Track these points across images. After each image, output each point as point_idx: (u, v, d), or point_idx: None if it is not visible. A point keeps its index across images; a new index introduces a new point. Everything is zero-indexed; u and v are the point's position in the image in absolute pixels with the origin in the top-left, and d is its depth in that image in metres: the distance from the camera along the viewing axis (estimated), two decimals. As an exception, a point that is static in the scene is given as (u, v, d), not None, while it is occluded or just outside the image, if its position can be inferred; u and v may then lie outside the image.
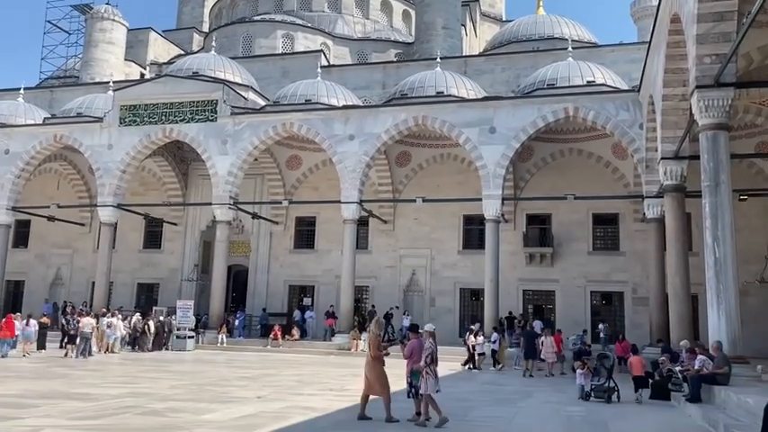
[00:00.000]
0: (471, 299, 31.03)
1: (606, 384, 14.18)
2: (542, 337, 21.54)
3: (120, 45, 45.50)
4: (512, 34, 43.68)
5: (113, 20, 45.06)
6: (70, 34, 51.13)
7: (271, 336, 27.90)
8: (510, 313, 28.27)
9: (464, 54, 42.51)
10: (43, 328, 24.49)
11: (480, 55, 42.57)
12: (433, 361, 9.48)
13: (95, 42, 44.45)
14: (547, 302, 30.49)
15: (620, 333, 26.24)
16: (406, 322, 26.07)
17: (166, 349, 26.37)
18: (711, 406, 11.53)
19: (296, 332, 28.98)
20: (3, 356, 21.66)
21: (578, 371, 15.06)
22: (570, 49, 32.27)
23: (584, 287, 29.65)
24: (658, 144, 20.04)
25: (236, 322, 30.04)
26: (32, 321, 23.97)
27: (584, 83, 27.89)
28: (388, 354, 9.93)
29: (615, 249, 29.67)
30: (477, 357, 22.14)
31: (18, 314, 25.97)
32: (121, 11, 46.11)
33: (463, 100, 28.32)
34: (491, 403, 13.49)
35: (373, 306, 30.34)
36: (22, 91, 38.80)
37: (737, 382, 11.88)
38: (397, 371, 10.68)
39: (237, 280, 35.24)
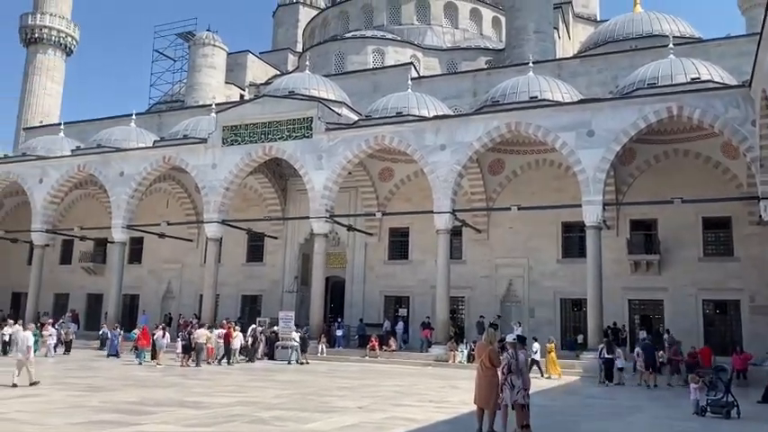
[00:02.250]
0: (573, 309, 29.92)
1: (724, 399, 13.28)
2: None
3: (220, 69, 47.69)
4: (608, 34, 42.27)
5: (214, 45, 47.37)
6: (175, 61, 54.37)
7: (368, 346, 28.06)
8: (614, 324, 27.03)
9: (557, 57, 41.44)
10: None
11: (575, 57, 41.35)
12: (511, 371, 9.33)
13: (198, 67, 46.86)
14: (654, 312, 28.81)
15: (737, 344, 24.62)
16: (518, 331, 25.36)
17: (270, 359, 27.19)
18: None
19: (393, 343, 29.13)
20: (140, 363, 23.68)
21: (692, 385, 14.19)
22: (671, 45, 30.59)
23: (695, 296, 27.83)
24: (775, 141, 18.70)
25: (338, 332, 30.47)
26: (167, 334, 25.53)
27: (689, 80, 26.36)
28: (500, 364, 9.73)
29: (729, 255, 27.69)
30: (615, 372, 21.10)
31: (162, 326, 27.72)
32: (221, 36, 48.44)
33: (558, 104, 27.49)
34: (599, 417, 12.93)
35: (482, 316, 29.53)
36: (133, 117, 41.41)
37: None
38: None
39: (335, 291, 35.65)
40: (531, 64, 33.09)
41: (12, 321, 29.13)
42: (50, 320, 29.89)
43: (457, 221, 28.17)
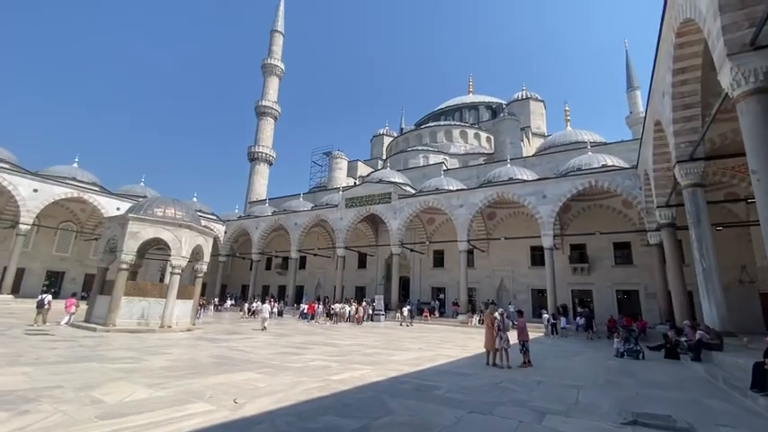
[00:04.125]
0: (538, 295, 28.33)
1: (635, 347, 12.33)
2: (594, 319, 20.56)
3: (344, 169, 49.55)
4: (551, 142, 41.03)
5: (341, 158, 49.42)
6: (321, 166, 56.80)
7: (423, 315, 27.65)
8: (564, 304, 25.46)
9: (523, 156, 40.63)
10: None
11: (533, 155, 40.26)
12: (500, 330, 9.18)
13: (333, 169, 48.97)
14: (587, 297, 26.89)
15: (638, 315, 22.62)
16: (512, 308, 24.44)
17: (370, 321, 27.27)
18: (711, 364, 9.52)
19: (436, 313, 28.58)
20: (307, 321, 24.33)
21: (615, 338, 13.29)
22: (589, 146, 29.64)
23: (611, 287, 25.96)
24: (653, 198, 17.55)
25: (407, 308, 30.09)
26: (320, 306, 26.29)
27: (600, 166, 25.29)
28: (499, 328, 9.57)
29: (630, 263, 25.65)
30: (559, 329, 20.55)
31: (317, 301, 28.53)
32: (344, 152, 50.54)
33: (525, 181, 26.90)
34: (556, 357, 12.25)
35: (487, 299, 28.51)
36: (301, 195, 43.74)
37: (729, 349, 9.72)
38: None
39: (404, 284, 35.35)
40: (508, 160, 32.74)
41: (254, 299, 30.67)
42: (271, 300, 31.42)
43: (470, 246, 27.66)
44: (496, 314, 10.04)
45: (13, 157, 30.07)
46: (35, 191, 27.49)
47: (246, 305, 28.93)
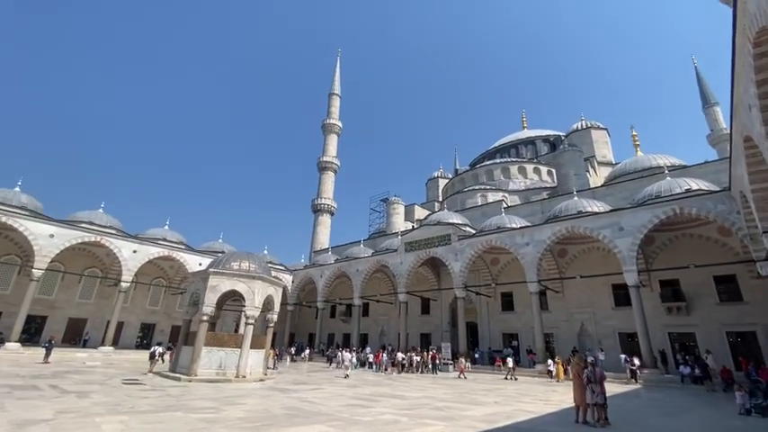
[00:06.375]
0: (628, 339, 25.11)
1: (765, 403, 10.31)
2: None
3: (401, 214, 50.37)
4: (621, 170, 38.27)
5: (398, 203, 50.50)
6: (380, 212, 58.43)
7: (495, 364, 25.68)
8: (662, 350, 22.55)
9: (591, 187, 38.21)
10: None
11: (602, 186, 37.66)
12: (591, 381, 8.23)
13: (391, 214, 50.02)
14: (689, 341, 23.17)
15: (762, 363, 18.93)
16: (602, 356, 22.40)
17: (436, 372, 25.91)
18: None
19: (509, 362, 26.40)
20: (374, 371, 24.04)
21: (737, 393, 11.23)
22: (666, 171, 27.17)
23: (719, 329, 22.22)
24: (757, 222, 15.28)
25: (476, 355, 28.46)
26: (386, 355, 25.84)
27: (683, 191, 22.92)
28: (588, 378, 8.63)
29: (739, 300, 21.98)
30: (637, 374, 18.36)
31: (381, 349, 27.94)
32: (401, 197, 51.68)
33: (596, 213, 25.10)
34: (660, 414, 10.60)
35: (574, 348, 26.06)
36: (361, 242, 44.79)
37: None
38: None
39: (471, 330, 33.56)
40: (575, 192, 31.07)
41: (338, 348, 30.80)
42: (352, 349, 31.29)
43: (542, 286, 25.80)
44: (589, 361, 9.09)
45: (119, 223, 35.25)
46: (134, 252, 31.61)
47: (340, 354, 26.60)
